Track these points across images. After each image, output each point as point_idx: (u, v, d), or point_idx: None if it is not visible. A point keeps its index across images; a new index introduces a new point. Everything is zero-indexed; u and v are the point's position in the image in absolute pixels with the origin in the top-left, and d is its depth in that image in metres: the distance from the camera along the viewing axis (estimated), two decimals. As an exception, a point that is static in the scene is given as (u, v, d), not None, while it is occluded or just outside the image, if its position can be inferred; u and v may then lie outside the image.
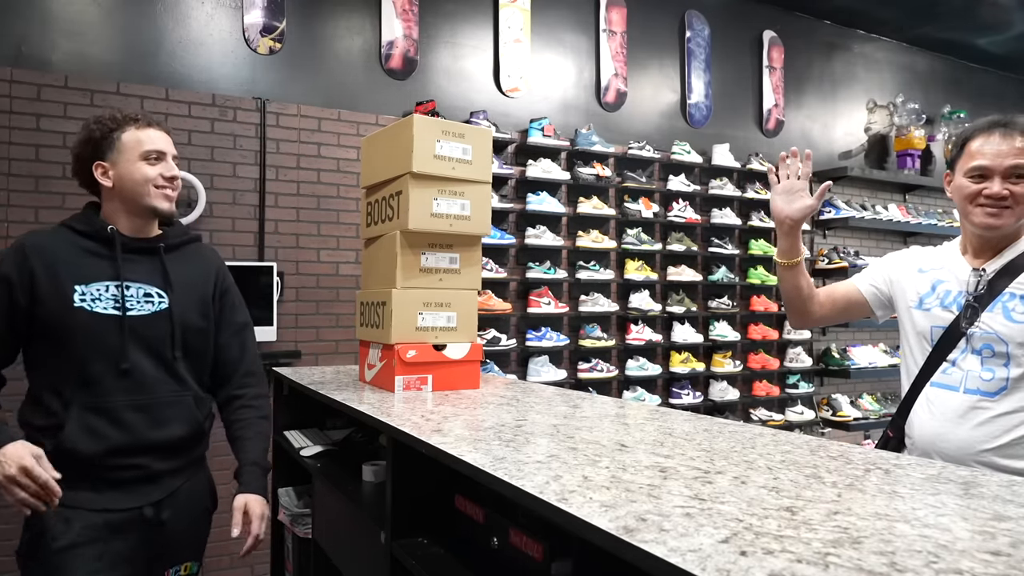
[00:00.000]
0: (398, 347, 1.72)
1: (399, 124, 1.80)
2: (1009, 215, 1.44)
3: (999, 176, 1.44)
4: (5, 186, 2.79)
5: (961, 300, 1.50)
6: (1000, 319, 1.43)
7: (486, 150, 1.84)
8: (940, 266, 1.59)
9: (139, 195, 1.52)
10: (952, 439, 1.44)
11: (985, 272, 1.49)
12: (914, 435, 1.54)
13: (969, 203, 1.49)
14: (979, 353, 1.45)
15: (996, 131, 1.46)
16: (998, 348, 1.43)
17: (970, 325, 1.46)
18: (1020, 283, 1.44)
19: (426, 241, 1.78)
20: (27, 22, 2.88)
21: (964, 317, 1.47)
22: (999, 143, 1.44)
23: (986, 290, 1.46)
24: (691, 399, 4.31)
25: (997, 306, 1.45)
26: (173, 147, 1.59)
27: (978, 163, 1.46)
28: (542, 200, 3.87)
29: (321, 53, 3.49)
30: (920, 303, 1.58)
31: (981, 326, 1.45)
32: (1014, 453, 1.38)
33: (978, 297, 1.47)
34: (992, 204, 1.44)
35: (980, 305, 1.46)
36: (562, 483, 0.87)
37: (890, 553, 0.64)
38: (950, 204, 5.85)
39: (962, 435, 1.43)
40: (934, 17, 5.24)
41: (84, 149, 1.53)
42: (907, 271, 1.65)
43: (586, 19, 4.27)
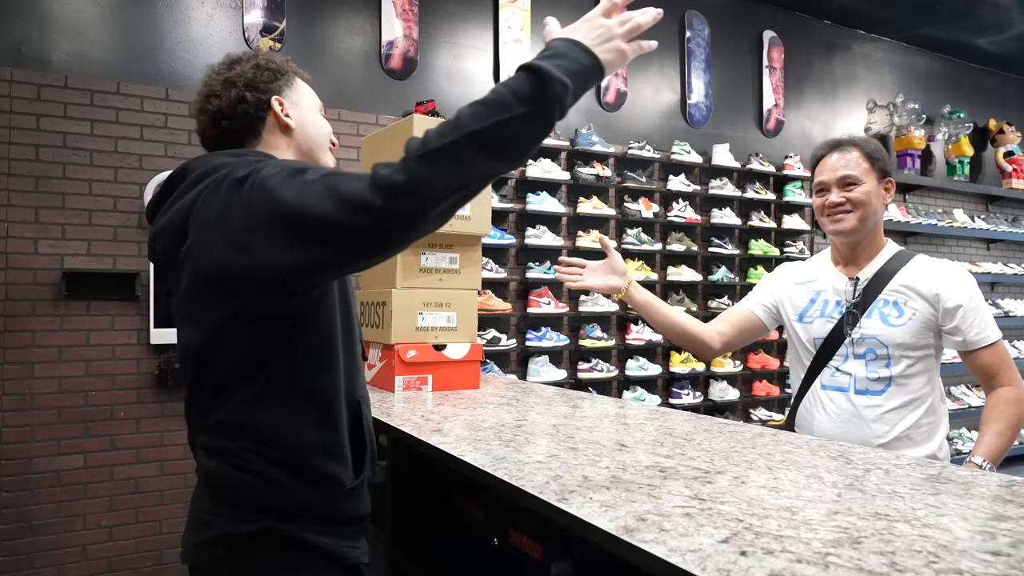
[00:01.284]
0: (398, 347, 1.72)
1: (399, 124, 1.80)
2: (851, 218, 1.59)
3: (835, 187, 1.61)
4: (5, 186, 2.79)
5: (842, 308, 1.63)
6: (878, 324, 1.57)
7: None
8: (815, 278, 1.72)
9: (320, 147, 1.19)
10: (849, 438, 1.52)
11: (859, 280, 1.63)
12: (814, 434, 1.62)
13: (821, 215, 1.66)
14: (863, 357, 1.58)
15: (834, 151, 1.64)
16: (880, 351, 1.56)
17: (852, 330, 1.60)
18: (890, 290, 1.59)
19: (426, 241, 1.79)
20: (27, 22, 2.87)
21: (847, 323, 1.61)
22: (835, 160, 1.62)
23: (861, 297, 1.60)
24: (691, 399, 4.31)
25: (874, 312, 1.58)
26: None
27: (819, 179, 1.65)
28: (542, 200, 3.87)
29: (321, 53, 3.49)
30: (801, 317, 1.71)
31: (862, 331, 1.58)
32: (900, 445, 1.53)
33: (856, 304, 1.60)
34: (833, 212, 1.61)
35: (859, 311, 1.60)
36: (562, 483, 0.87)
37: (890, 553, 0.64)
38: (950, 204, 5.86)
39: (858, 433, 1.55)
40: (934, 17, 5.24)
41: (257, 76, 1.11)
42: (786, 286, 1.77)
43: (586, 19, 4.27)
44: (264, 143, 1.11)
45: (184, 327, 1.02)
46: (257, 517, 0.94)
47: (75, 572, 2.83)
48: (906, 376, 1.55)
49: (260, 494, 0.94)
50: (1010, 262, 6.10)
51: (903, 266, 1.61)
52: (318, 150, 1.19)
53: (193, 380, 1.02)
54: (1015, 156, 6.11)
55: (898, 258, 1.63)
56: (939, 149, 5.94)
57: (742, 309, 1.81)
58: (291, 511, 0.95)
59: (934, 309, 1.54)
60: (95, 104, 2.94)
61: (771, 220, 4.71)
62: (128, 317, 2.96)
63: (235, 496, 0.95)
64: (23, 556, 2.75)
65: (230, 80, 1.10)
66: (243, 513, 0.94)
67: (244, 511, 0.94)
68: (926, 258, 1.63)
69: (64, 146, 2.88)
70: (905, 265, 1.61)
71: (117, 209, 2.97)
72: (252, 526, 0.94)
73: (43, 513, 2.79)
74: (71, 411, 2.85)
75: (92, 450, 2.88)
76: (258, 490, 0.94)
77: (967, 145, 5.85)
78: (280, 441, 0.96)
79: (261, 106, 1.11)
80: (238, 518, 0.94)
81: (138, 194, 2.98)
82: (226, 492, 0.96)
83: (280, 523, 0.94)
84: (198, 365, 1.00)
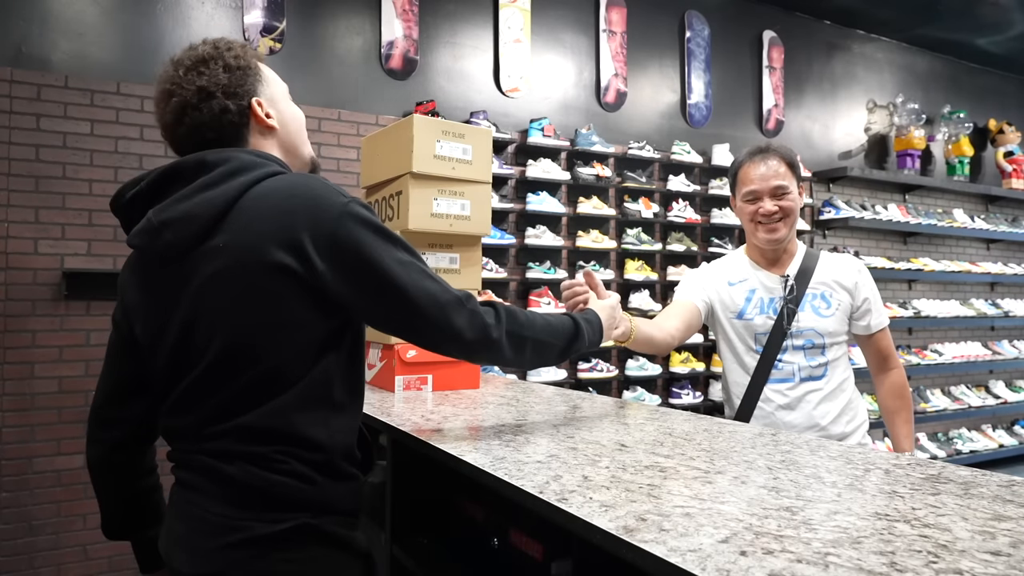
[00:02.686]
0: (398, 347, 1.72)
1: (399, 124, 1.80)
2: (784, 226, 1.72)
3: (767, 196, 1.71)
4: (5, 186, 2.79)
5: (776, 305, 1.75)
6: (812, 316, 1.73)
7: (486, 150, 1.84)
8: (746, 278, 1.82)
9: (304, 142, 1.18)
10: (798, 422, 1.70)
11: (789, 277, 1.76)
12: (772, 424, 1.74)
13: (750, 222, 1.76)
14: (802, 348, 1.73)
15: (757, 158, 1.73)
16: (817, 341, 1.72)
17: (791, 324, 1.73)
18: (816, 283, 1.74)
19: (426, 241, 1.79)
20: (27, 22, 2.88)
21: (784, 319, 1.73)
22: (763, 171, 1.71)
23: (794, 291, 1.74)
24: (691, 399, 4.31)
25: (807, 306, 1.73)
26: None
27: (749, 188, 1.73)
28: (542, 200, 3.87)
29: (321, 53, 3.49)
30: (740, 314, 1.79)
31: (799, 324, 1.72)
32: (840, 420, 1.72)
33: (792, 299, 1.74)
34: (767, 220, 1.72)
35: (795, 306, 1.73)
36: (562, 483, 0.87)
37: (890, 553, 0.64)
38: (950, 204, 5.86)
39: (804, 417, 1.71)
40: (934, 17, 5.24)
41: (231, 80, 1.04)
42: (719, 285, 1.84)
43: (586, 19, 4.27)
44: (250, 145, 1.08)
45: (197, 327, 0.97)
46: (291, 516, 0.95)
47: (75, 572, 2.83)
48: (835, 360, 1.73)
49: (293, 494, 0.96)
50: (1010, 262, 6.10)
51: (817, 262, 1.77)
52: (300, 144, 1.16)
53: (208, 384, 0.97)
54: (1015, 156, 6.11)
55: (810, 255, 1.79)
56: (939, 149, 5.94)
57: (687, 304, 1.82)
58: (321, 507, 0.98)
59: (852, 298, 1.74)
60: (95, 104, 2.94)
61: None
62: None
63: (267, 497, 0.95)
64: (23, 556, 2.75)
65: (205, 89, 1.03)
66: (274, 513, 0.95)
67: (275, 511, 0.95)
68: (828, 254, 1.81)
69: (64, 146, 2.88)
70: (819, 261, 1.77)
71: (117, 209, 2.96)
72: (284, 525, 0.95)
73: (43, 513, 2.79)
74: (71, 411, 2.85)
75: (92, 450, 2.88)
76: (291, 490, 0.96)
77: (967, 145, 5.85)
78: (316, 444, 0.98)
79: (244, 113, 1.06)
80: (269, 519, 0.95)
81: (138, 194, 2.98)
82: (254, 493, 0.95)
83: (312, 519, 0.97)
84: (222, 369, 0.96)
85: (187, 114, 1.03)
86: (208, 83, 1.02)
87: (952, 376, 5.62)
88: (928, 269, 5.34)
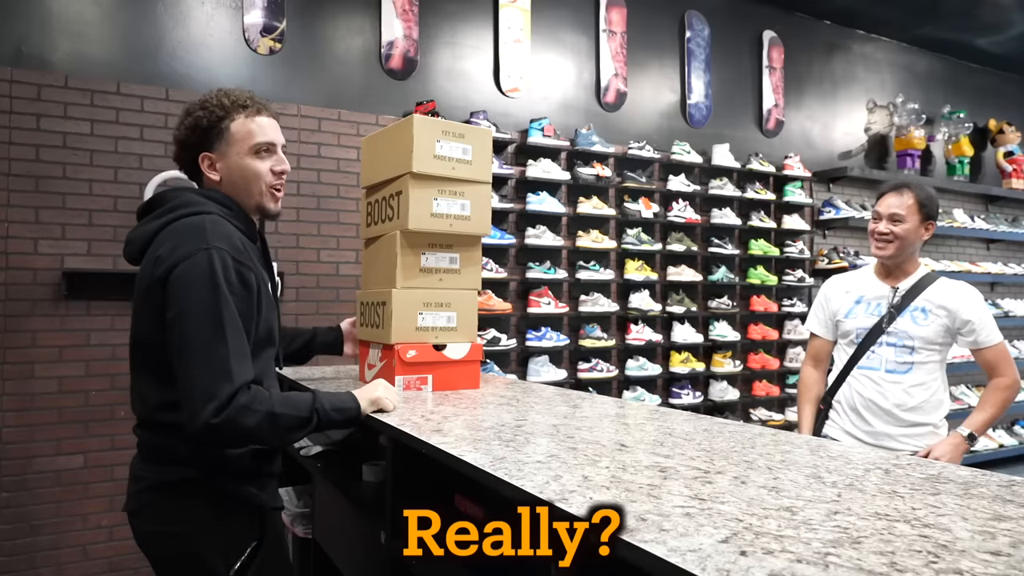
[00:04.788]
0: (398, 347, 1.72)
1: (399, 124, 1.80)
2: (891, 247, 2.09)
3: (885, 219, 2.09)
4: (5, 186, 2.79)
5: (882, 308, 2.14)
6: (909, 322, 2.09)
7: (486, 150, 1.84)
8: (859, 286, 2.22)
9: (248, 193, 1.41)
10: (881, 403, 2.08)
11: (899, 289, 2.13)
12: (845, 405, 2.17)
13: (870, 238, 2.16)
14: (893, 345, 2.10)
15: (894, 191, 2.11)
16: (907, 342, 2.08)
17: (889, 325, 2.10)
18: (922, 299, 2.09)
19: (426, 241, 1.78)
20: (27, 22, 2.88)
21: (885, 320, 2.11)
22: (892, 199, 2.09)
23: (900, 301, 2.11)
24: (691, 399, 4.31)
25: (907, 314, 2.09)
26: (282, 135, 1.47)
27: (876, 209, 2.14)
28: (542, 200, 3.87)
29: (321, 53, 3.49)
30: (848, 314, 2.21)
31: (896, 327, 2.09)
32: (917, 411, 2.07)
33: (896, 306, 2.11)
34: (879, 239, 2.11)
35: (896, 311, 2.10)
36: (562, 483, 0.87)
37: (890, 553, 0.64)
38: (950, 204, 5.86)
39: (886, 400, 2.08)
40: (934, 17, 5.24)
41: (190, 136, 1.39)
42: (837, 294, 2.26)
43: (586, 19, 4.27)
44: (206, 183, 1.42)
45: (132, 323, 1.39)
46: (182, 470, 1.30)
47: (75, 572, 2.83)
48: (923, 363, 2.07)
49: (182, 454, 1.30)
50: (1010, 262, 6.10)
51: (931, 284, 2.10)
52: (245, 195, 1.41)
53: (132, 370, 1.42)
54: (1015, 156, 6.11)
55: (928, 278, 2.13)
56: (939, 149, 5.94)
57: (819, 342, 2.31)
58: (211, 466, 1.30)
59: (952, 318, 2.05)
60: (95, 104, 2.94)
61: (771, 220, 4.71)
62: (128, 317, 2.95)
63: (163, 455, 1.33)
64: (23, 556, 2.75)
65: (176, 138, 1.42)
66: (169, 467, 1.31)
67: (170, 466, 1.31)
68: (947, 280, 2.13)
69: (64, 146, 2.88)
70: (932, 284, 2.11)
71: (117, 209, 2.97)
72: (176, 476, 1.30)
73: (43, 513, 2.79)
74: (71, 411, 2.85)
75: (92, 450, 2.88)
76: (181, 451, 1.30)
77: (967, 145, 5.85)
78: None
79: (194, 162, 1.41)
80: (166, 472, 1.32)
81: (138, 194, 2.98)
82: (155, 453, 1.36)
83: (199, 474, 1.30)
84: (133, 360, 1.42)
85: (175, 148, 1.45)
86: (178, 134, 1.42)
87: (952, 376, 5.57)
88: (928, 269, 5.33)
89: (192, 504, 1.29)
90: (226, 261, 1.25)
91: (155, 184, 2.96)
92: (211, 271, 1.22)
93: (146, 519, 1.32)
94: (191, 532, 1.28)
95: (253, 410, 1.20)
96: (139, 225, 1.37)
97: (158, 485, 1.30)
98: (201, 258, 1.22)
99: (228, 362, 1.20)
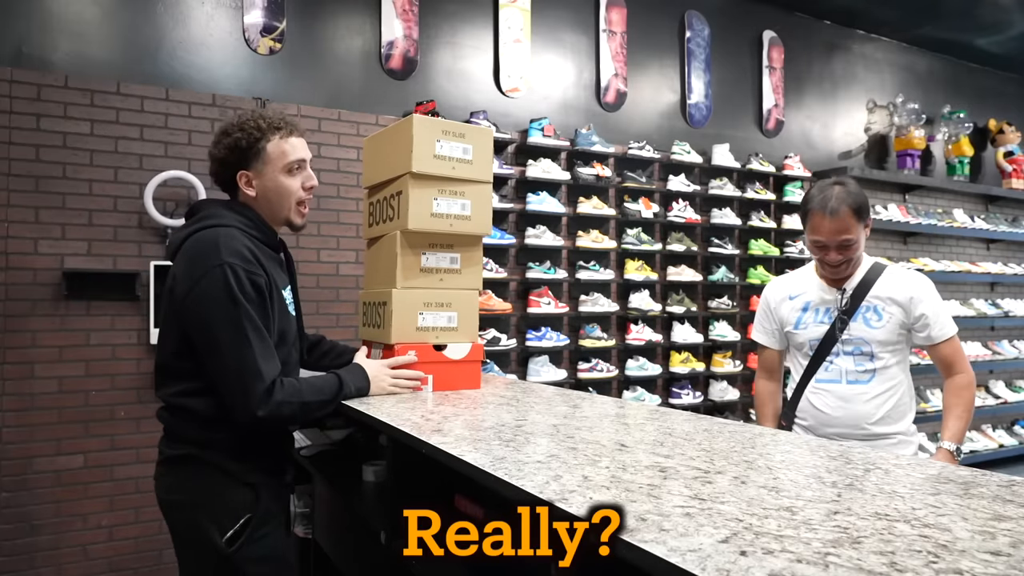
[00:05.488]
0: (398, 347, 1.72)
1: (399, 124, 1.79)
2: (846, 268, 1.91)
3: (833, 249, 1.87)
4: (5, 186, 2.79)
5: (831, 314, 1.95)
6: (862, 327, 1.91)
7: (487, 150, 1.83)
8: (804, 291, 2.03)
9: (279, 208, 1.57)
10: (844, 418, 1.91)
11: (846, 291, 1.94)
12: (808, 420, 1.99)
13: (818, 261, 1.96)
14: (851, 354, 1.93)
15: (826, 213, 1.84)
16: (864, 348, 1.92)
17: (843, 332, 1.93)
18: (871, 297, 1.91)
19: (427, 241, 1.78)
20: (27, 22, 2.88)
21: (837, 327, 1.93)
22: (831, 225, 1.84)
23: (849, 305, 1.93)
24: (691, 399, 4.31)
25: (859, 317, 1.92)
26: (309, 150, 1.64)
27: (817, 239, 1.89)
28: (542, 200, 3.87)
29: (321, 53, 3.49)
30: (796, 325, 2.03)
31: (850, 333, 1.92)
32: (885, 421, 1.90)
33: (845, 311, 1.93)
34: (833, 269, 1.91)
35: (847, 316, 1.92)
36: (562, 483, 0.87)
37: (890, 553, 0.64)
38: (950, 204, 5.86)
39: (851, 414, 1.91)
40: (934, 17, 5.24)
41: (228, 156, 1.53)
42: (781, 301, 2.08)
43: (586, 19, 4.27)
44: (240, 197, 1.57)
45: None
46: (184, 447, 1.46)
47: (75, 572, 2.83)
48: (885, 367, 1.91)
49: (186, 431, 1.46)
50: (1010, 262, 6.10)
51: (878, 277, 1.93)
52: (277, 210, 1.57)
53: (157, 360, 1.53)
54: (1015, 156, 6.11)
55: (873, 271, 1.94)
56: (939, 149, 5.94)
57: (768, 353, 2.17)
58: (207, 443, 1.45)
59: (906, 313, 1.90)
60: (95, 104, 2.94)
61: (771, 220, 4.71)
62: (128, 317, 2.96)
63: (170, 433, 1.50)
64: (23, 556, 2.75)
65: (214, 155, 1.55)
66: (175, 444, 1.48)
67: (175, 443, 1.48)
68: (895, 269, 1.96)
69: (64, 146, 2.88)
70: (880, 277, 1.93)
71: (117, 209, 2.97)
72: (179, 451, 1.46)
73: (43, 513, 2.79)
74: (71, 411, 2.85)
75: (92, 450, 2.88)
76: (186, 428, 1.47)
77: (967, 145, 5.84)
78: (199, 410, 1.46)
79: (231, 178, 1.55)
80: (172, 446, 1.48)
81: (138, 194, 2.98)
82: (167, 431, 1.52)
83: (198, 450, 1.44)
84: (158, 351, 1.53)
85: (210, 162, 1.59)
86: (217, 152, 1.55)
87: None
88: (928, 269, 5.34)
89: (190, 476, 1.45)
90: (238, 273, 1.39)
91: (155, 184, 2.96)
92: (227, 285, 1.37)
93: (161, 488, 1.50)
94: (193, 502, 1.44)
95: (289, 402, 1.40)
96: (178, 229, 1.55)
97: (168, 459, 1.48)
98: (216, 274, 1.38)
99: (256, 363, 1.36)
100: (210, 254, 1.39)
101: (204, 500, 1.43)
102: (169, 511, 1.49)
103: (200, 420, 1.44)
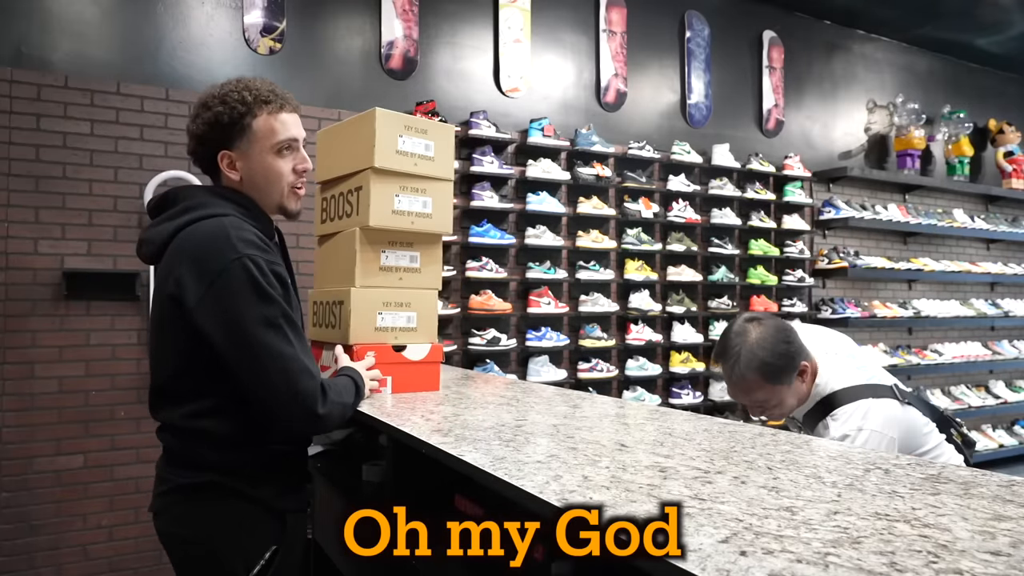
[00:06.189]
0: (356, 348, 1.66)
1: (360, 117, 1.72)
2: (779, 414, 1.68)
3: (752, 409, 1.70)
4: (5, 186, 2.79)
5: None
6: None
7: (448, 147, 1.79)
8: None
9: (269, 193, 1.38)
10: None
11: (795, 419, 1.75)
12: None
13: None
14: None
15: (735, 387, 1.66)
16: None
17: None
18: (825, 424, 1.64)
19: (386, 239, 1.72)
20: (27, 22, 2.87)
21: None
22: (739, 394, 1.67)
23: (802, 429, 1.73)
24: (691, 399, 4.31)
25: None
26: (302, 128, 1.42)
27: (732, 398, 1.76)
28: (542, 200, 3.87)
29: (321, 53, 3.49)
30: None
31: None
32: None
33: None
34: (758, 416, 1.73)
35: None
36: (562, 483, 0.87)
37: (890, 553, 0.64)
38: (950, 204, 5.86)
39: None
40: (934, 17, 5.24)
41: (208, 132, 1.33)
42: None
43: (586, 19, 4.27)
44: (224, 179, 1.37)
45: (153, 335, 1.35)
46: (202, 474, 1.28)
47: (75, 572, 2.83)
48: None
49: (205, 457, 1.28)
50: (1010, 262, 6.10)
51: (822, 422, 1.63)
52: (266, 194, 1.38)
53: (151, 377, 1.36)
54: (1015, 156, 6.11)
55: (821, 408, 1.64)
56: (939, 149, 5.94)
57: None
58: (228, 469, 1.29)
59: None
60: (95, 104, 2.94)
61: (771, 220, 4.71)
62: (128, 317, 2.96)
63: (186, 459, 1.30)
64: (23, 556, 2.75)
65: (191, 131, 1.36)
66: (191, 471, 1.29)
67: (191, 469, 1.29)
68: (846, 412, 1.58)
69: (64, 146, 2.88)
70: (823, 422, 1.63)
71: (117, 209, 2.97)
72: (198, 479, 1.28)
73: (43, 513, 2.79)
74: (71, 411, 2.85)
75: (92, 450, 2.88)
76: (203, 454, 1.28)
77: (967, 145, 5.85)
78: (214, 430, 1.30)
79: (212, 159, 1.35)
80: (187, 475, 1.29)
81: (138, 194, 2.98)
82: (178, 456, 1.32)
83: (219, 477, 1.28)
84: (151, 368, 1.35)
85: (189, 140, 1.38)
86: (195, 128, 1.35)
87: (952, 376, 5.62)
88: (928, 269, 5.34)
89: (214, 507, 1.27)
90: (261, 265, 1.23)
91: (155, 184, 2.96)
92: (251, 280, 1.21)
93: (169, 521, 1.31)
94: (212, 535, 1.27)
95: (338, 403, 1.30)
96: (153, 224, 1.32)
97: (182, 488, 1.28)
98: (237, 269, 1.20)
99: (301, 360, 1.23)
100: (223, 248, 1.21)
101: (225, 532, 1.26)
102: (177, 545, 1.30)
103: (219, 443, 1.26)
